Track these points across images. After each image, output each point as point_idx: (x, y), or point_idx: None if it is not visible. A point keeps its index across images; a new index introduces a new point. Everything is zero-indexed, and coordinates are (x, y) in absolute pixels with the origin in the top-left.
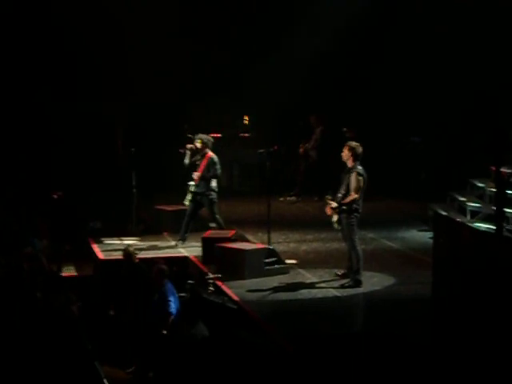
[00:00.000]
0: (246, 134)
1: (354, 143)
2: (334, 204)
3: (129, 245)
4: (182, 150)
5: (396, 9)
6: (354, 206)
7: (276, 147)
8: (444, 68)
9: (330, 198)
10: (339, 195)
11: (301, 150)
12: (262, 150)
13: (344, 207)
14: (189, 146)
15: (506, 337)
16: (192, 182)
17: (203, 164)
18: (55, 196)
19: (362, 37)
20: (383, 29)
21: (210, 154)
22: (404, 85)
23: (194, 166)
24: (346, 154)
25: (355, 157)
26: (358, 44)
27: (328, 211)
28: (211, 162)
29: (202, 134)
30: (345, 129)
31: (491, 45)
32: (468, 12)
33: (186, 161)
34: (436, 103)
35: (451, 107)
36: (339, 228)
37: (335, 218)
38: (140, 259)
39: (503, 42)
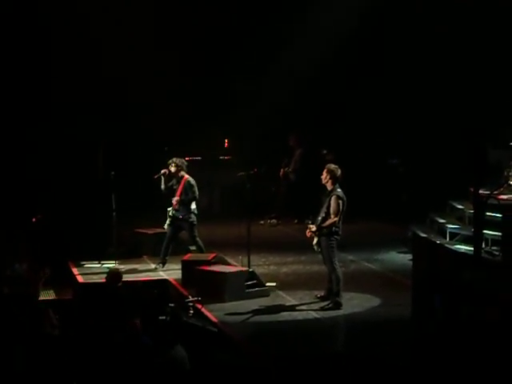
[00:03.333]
0: (226, 157)
1: (332, 166)
2: (314, 227)
3: (116, 268)
4: (156, 176)
5: (375, 36)
6: (334, 228)
7: (256, 170)
8: (422, 90)
9: (309, 222)
10: (319, 218)
11: (281, 172)
12: (241, 173)
13: (324, 230)
14: (162, 171)
15: (485, 357)
16: (170, 208)
17: (180, 188)
18: (34, 219)
19: (342, 61)
20: (361, 56)
21: (187, 176)
22: (383, 107)
23: (171, 191)
24: (325, 176)
25: (334, 179)
26: (338, 68)
27: (308, 234)
28: (188, 185)
29: (179, 157)
30: (324, 151)
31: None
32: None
33: (162, 186)
34: (415, 124)
35: (431, 129)
36: (319, 250)
37: (315, 240)
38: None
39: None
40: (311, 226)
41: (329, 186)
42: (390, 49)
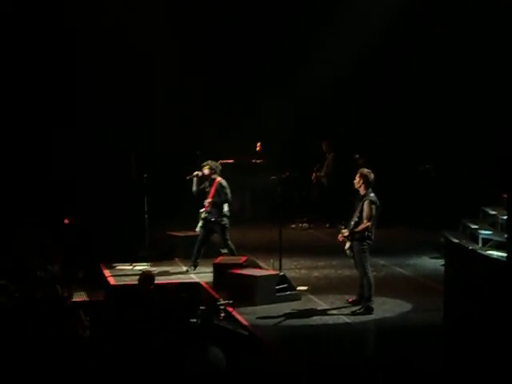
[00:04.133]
0: (259, 161)
1: (365, 170)
2: (346, 232)
3: (148, 270)
4: (188, 177)
5: (409, 37)
6: (367, 233)
7: (287, 173)
8: (456, 93)
9: (342, 226)
10: (352, 223)
11: (313, 176)
12: (273, 177)
13: (356, 235)
14: (195, 172)
15: None
16: (203, 209)
17: (213, 190)
18: (66, 221)
19: (374, 64)
20: (394, 57)
21: (219, 179)
22: (416, 111)
23: (203, 193)
24: (357, 181)
25: (367, 184)
26: (370, 71)
27: (340, 239)
28: (220, 187)
29: (212, 160)
30: (357, 155)
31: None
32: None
33: (194, 188)
34: (448, 130)
35: (464, 134)
36: (351, 255)
37: (347, 245)
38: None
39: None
40: (344, 230)
41: (362, 191)
42: (423, 54)
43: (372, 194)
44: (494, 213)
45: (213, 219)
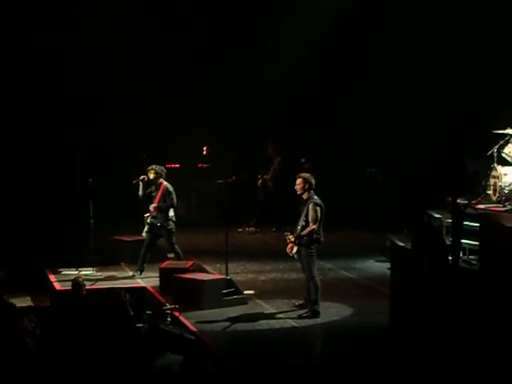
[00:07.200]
0: (205, 165)
1: (306, 174)
2: (293, 237)
3: (78, 276)
4: (134, 182)
5: (352, 39)
6: (315, 236)
7: (234, 177)
8: (401, 98)
9: (289, 233)
10: (298, 227)
11: (259, 180)
12: (220, 181)
13: (304, 238)
14: (141, 177)
15: (462, 366)
16: (148, 214)
17: (159, 195)
18: None
19: (322, 64)
20: (341, 57)
21: (165, 183)
22: (362, 115)
23: (150, 197)
24: (300, 186)
25: (310, 187)
26: (317, 73)
27: (289, 247)
28: (166, 192)
29: (158, 164)
30: (303, 159)
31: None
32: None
33: (140, 192)
34: (396, 133)
35: (409, 138)
36: (299, 258)
37: (295, 249)
38: (96, 289)
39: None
40: (290, 236)
41: (305, 195)
42: (369, 56)
43: (315, 197)
44: (438, 216)
45: (158, 224)
